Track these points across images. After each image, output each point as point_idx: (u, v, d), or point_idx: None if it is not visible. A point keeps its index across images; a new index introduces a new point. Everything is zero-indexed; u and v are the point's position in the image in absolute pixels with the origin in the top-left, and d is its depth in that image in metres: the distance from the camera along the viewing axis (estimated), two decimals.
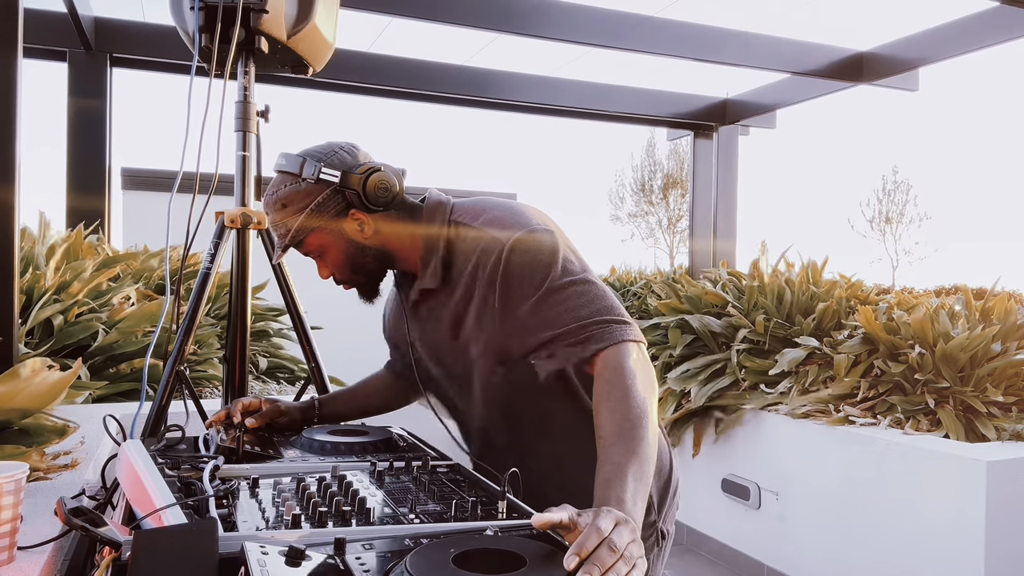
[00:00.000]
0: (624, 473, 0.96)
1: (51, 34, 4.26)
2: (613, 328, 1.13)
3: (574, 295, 1.16)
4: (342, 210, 1.27)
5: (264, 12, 1.66)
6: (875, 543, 2.76)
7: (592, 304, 1.16)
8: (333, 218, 1.27)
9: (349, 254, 1.30)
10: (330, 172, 1.25)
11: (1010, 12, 3.90)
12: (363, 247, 1.29)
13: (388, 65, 4.99)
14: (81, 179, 4.39)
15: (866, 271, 27.27)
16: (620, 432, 1.02)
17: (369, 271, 1.33)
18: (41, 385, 1.49)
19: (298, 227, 1.26)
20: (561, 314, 1.15)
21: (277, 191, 1.28)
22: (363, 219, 1.27)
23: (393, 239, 1.30)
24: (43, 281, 2.81)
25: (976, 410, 2.81)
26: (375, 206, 1.27)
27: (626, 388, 1.07)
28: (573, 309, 1.15)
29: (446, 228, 1.28)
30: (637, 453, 1.00)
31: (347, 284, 1.35)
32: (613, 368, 1.09)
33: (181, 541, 0.72)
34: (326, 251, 1.30)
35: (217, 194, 1.55)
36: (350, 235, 1.28)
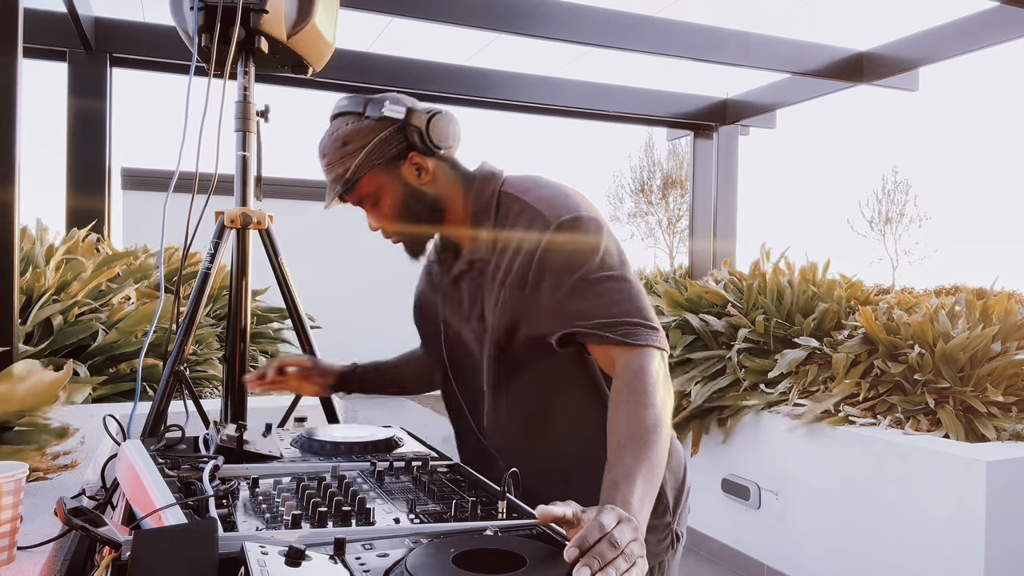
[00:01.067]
0: (634, 477, 0.96)
1: (51, 34, 4.26)
2: (640, 330, 1.12)
3: (609, 290, 1.15)
4: (402, 151, 1.25)
5: (264, 12, 1.66)
6: (875, 543, 2.76)
7: (625, 303, 1.15)
8: (393, 159, 1.25)
9: (404, 199, 1.27)
10: (395, 108, 1.24)
11: (1010, 12, 3.90)
12: (419, 193, 1.27)
13: (388, 65, 4.99)
14: (81, 179, 4.39)
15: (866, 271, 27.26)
16: (635, 436, 1.02)
17: (421, 221, 1.30)
18: (36, 385, 1.49)
19: (357, 165, 1.23)
20: (594, 306, 1.14)
21: (337, 130, 1.25)
22: (422, 163, 1.26)
23: (448, 192, 1.29)
24: (43, 281, 2.81)
25: (976, 410, 2.81)
26: (436, 148, 1.25)
27: (645, 393, 1.06)
28: (606, 304, 1.14)
29: (496, 198, 1.27)
30: (649, 459, 1.00)
31: (396, 236, 1.33)
32: (634, 371, 1.09)
33: (181, 541, 0.72)
34: (381, 195, 1.27)
35: (217, 194, 1.55)
36: (407, 178, 1.26)
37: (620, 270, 1.18)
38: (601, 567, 0.74)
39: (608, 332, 1.12)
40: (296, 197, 9.04)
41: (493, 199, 1.27)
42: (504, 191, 1.27)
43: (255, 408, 1.97)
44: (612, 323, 1.13)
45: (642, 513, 0.92)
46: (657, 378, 1.09)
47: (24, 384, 1.47)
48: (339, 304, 8.60)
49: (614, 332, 1.12)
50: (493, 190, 1.28)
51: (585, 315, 1.14)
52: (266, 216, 1.81)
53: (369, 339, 9.21)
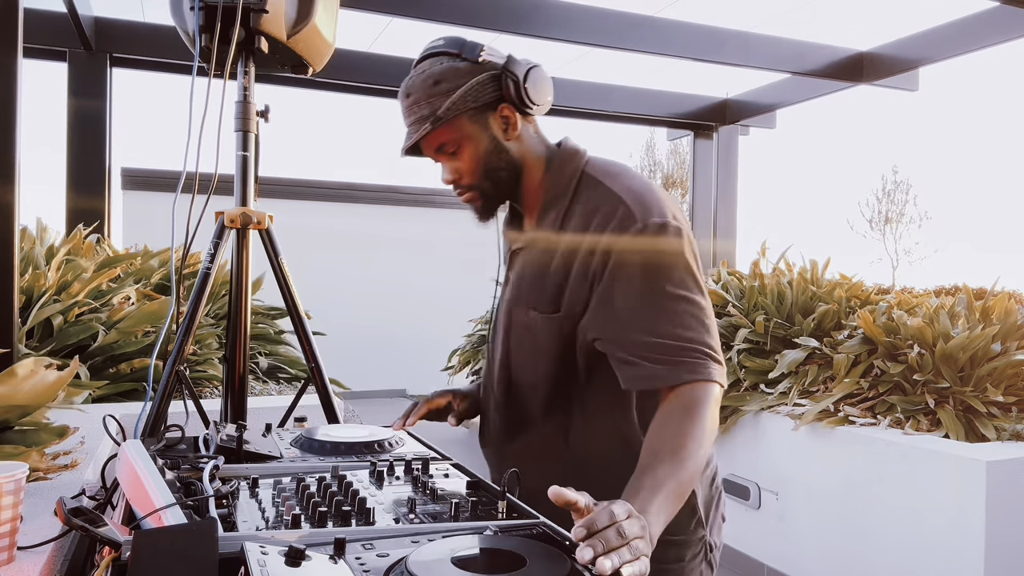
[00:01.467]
0: (658, 490, 0.94)
1: (51, 34, 4.26)
2: (709, 364, 1.08)
3: (684, 312, 1.09)
4: (494, 101, 1.19)
5: (264, 12, 1.66)
6: (875, 543, 2.76)
7: (698, 329, 1.09)
8: (483, 107, 1.18)
9: (487, 152, 1.20)
10: (494, 53, 1.19)
11: (1010, 12, 3.90)
12: (502, 148, 1.21)
13: (388, 65, 5.00)
14: (81, 179, 4.40)
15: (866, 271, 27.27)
16: (674, 452, 0.99)
17: (498, 179, 1.22)
18: (38, 384, 1.49)
19: (447, 107, 1.16)
20: (664, 325, 1.08)
21: (430, 68, 1.18)
22: (511, 117, 1.20)
23: (530, 155, 1.23)
24: (43, 281, 2.81)
25: (976, 410, 2.81)
26: (529, 103, 1.19)
27: (697, 421, 1.03)
28: (679, 326, 1.08)
29: (578, 178, 1.21)
30: (680, 480, 0.97)
31: (471, 191, 1.25)
32: (692, 399, 1.05)
33: (181, 541, 0.72)
34: (463, 144, 1.20)
35: (217, 194, 1.55)
36: (494, 130, 1.20)
37: (698, 293, 1.12)
38: (605, 551, 0.74)
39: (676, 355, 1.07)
40: (296, 197, 9.04)
41: (574, 177, 1.21)
42: (587, 172, 1.21)
43: (255, 408, 1.97)
44: (682, 347, 1.07)
45: (656, 524, 0.90)
46: (710, 414, 1.05)
47: (27, 384, 1.47)
48: (340, 304, 8.60)
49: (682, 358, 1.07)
50: (576, 168, 1.22)
51: (654, 331, 1.08)
52: (266, 216, 1.81)
53: (369, 338, 9.22)
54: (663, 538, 1.13)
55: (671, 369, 1.07)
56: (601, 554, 0.73)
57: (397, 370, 9.41)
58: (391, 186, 9.89)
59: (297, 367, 3.58)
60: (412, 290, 9.58)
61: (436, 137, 1.20)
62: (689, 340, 1.08)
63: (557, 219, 1.20)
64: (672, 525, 1.15)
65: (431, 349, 7.78)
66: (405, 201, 9.86)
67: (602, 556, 0.73)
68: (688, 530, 1.20)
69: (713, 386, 1.07)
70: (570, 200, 1.19)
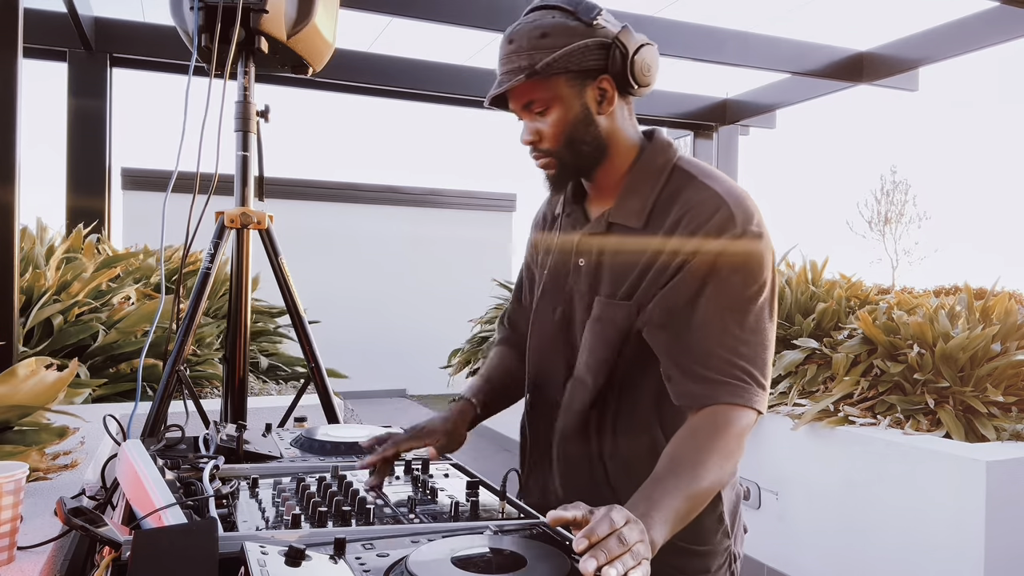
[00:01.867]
0: (669, 499, 0.92)
1: (51, 34, 4.26)
2: (752, 389, 1.05)
3: (751, 330, 1.06)
4: (596, 69, 1.11)
5: (264, 12, 1.66)
6: (875, 543, 2.76)
7: (756, 351, 1.06)
8: (584, 72, 1.11)
9: (575, 120, 1.13)
10: (609, 20, 1.13)
11: (1010, 12, 3.90)
12: (591, 121, 1.14)
13: (388, 65, 5.00)
14: (81, 179, 4.40)
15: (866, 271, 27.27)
16: (693, 466, 0.97)
17: (580, 152, 1.15)
18: (39, 384, 1.49)
19: (547, 63, 1.08)
20: (726, 338, 1.05)
21: (540, 19, 1.11)
22: (609, 91, 1.13)
23: (618, 137, 1.17)
24: (43, 281, 2.81)
25: (976, 410, 2.81)
26: (632, 80, 1.12)
27: (724, 440, 1.01)
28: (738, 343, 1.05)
29: (670, 168, 1.15)
30: (694, 494, 0.95)
31: (548, 157, 1.17)
32: (725, 420, 1.03)
33: (181, 541, 0.72)
34: (553, 105, 1.13)
35: (217, 194, 1.55)
36: (588, 100, 1.13)
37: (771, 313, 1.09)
38: (608, 560, 0.74)
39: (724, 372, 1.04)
40: (296, 197, 9.04)
41: (666, 169, 1.15)
42: (680, 166, 1.16)
43: (255, 408, 1.97)
44: (733, 364, 1.04)
45: (658, 533, 0.87)
46: (739, 436, 1.03)
47: (27, 383, 1.47)
48: (340, 304, 8.60)
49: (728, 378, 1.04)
50: (668, 160, 1.16)
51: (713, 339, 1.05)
52: (266, 216, 1.81)
53: (368, 338, 9.22)
54: (689, 548, 1.11)
55: (712, 387, 1.04)
56: (604, 564, 0.73)
57: (397, 370, 9.42)
58: (391, 186, 9.89)
59: (297, 366, 3.58)
60: (412, 290, 9.58)
61: (527, 91, 1.13)
62: (743, 359, 1.05)
63: (643, 210, 1.14)
64: (699, 535, 1.13)
65: (431, 349, 7.79)
66: (405, 201, 9.86)
67: (606, 566, 0.73)
68: (715, 540, 1.18)
69: (750, 412, 1.04)
70: (659, 192, 1.14)
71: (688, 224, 1.09)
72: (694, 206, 1.10)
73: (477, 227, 10.13)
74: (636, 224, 1.14)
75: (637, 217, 1.14)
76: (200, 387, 2.97)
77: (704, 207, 1.09)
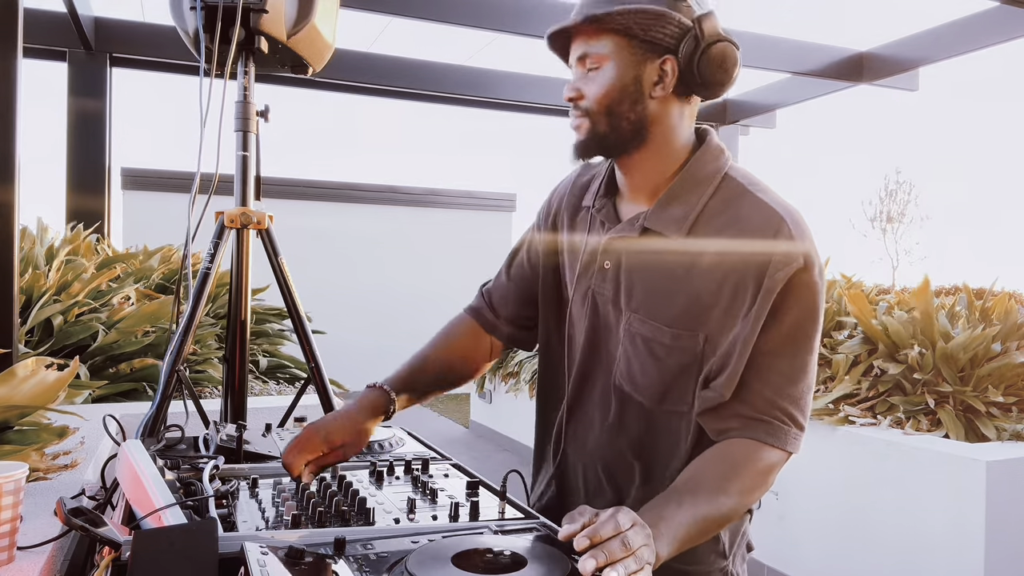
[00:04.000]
0: (683, 515, 0.90)
1: (51, 34, 4.26)
2: (793, 432, 1.01)
3: (800, 370, 1.01)
4: (663, 48, 1.01)
5: (264, 12, 1.66)
6: (875, 543, 2.76)
7: (802, 391, 1.01)
8: (649, 44, 1.01)
9: (624, 90, 1.03)
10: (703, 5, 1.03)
11: (1010, 12, 3.90)
12: (640, 98, 1.03)
13: (388, 65, 5.00)
14: (81, 179, 4.40)
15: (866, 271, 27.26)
16: (714, 491, 0.94)
17: (618, 128, 1.04)
18: (38, 384, 1.49)
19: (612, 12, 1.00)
20: (773, 376, 0.99)
21: None
22: (670, 75, 1.02)
23: (667, 132, 1.06)
24: (43, 281, 2.81)
25: (976, 410, 2.81)
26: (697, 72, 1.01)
27: (751, 475, 0.99)
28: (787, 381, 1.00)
29: (720, 177, 1.05)
30: (709, 518, 0.93)
31: (584, 118, 1.06)
32: (759, 458, 0.99)
33: (181, 541, 0.72)
34: (605, 66, 1.03)
35: (217, 194, 1.55)
36: (642, 74, 1.02)
37: (818, 345, 1.02)
38: (609, 562, 0.73)
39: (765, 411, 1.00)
40: (296, 197, 9.04)
41: (716, 176, 1.05)
42: (730, 175, 1.06)
43: (255, 408, 1.97)
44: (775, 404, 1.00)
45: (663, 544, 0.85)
46: (766, 472, 1.00)
47: (27, 384, 1.47)
48: (339, 304, 8.60)
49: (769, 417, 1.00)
50: (719, 168, 1.06)
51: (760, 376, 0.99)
52: (266, 216, 1.81)
53: (369, 339, 9.21)
54: (680, 568, 1.03)
55: (750, 425, 1.00)
56: (605, 565, 0.72)
57: None
58: (391, 186, 9.89)
59: (297, 367, 3.58)
60: (412, 290, 9.58)
61: (587, 39, 1.05)
62: (787, 399, 1.00)
63: (687, 219, 1.03)
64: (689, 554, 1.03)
65: None
66: (405, 201, 9.86)
67: (607, 568, 0.72)
68: (707, 560, 1.13)
69: (782, 453, 1.01)
70: (705, 200, 1.04)
71: (741, 245, 1.00)
72: (747, 223, 1.00)
73: (477, 227, 10.13)
74: (676, 234, 1.03)
75: (678, 226, 1.03)
76: (200, 387, 2.97)
77: (759, 226, 1.00)
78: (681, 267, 1.03)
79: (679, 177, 1.06)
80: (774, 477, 1.01)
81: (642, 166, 1.08)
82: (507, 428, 5.96)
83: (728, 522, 0.98)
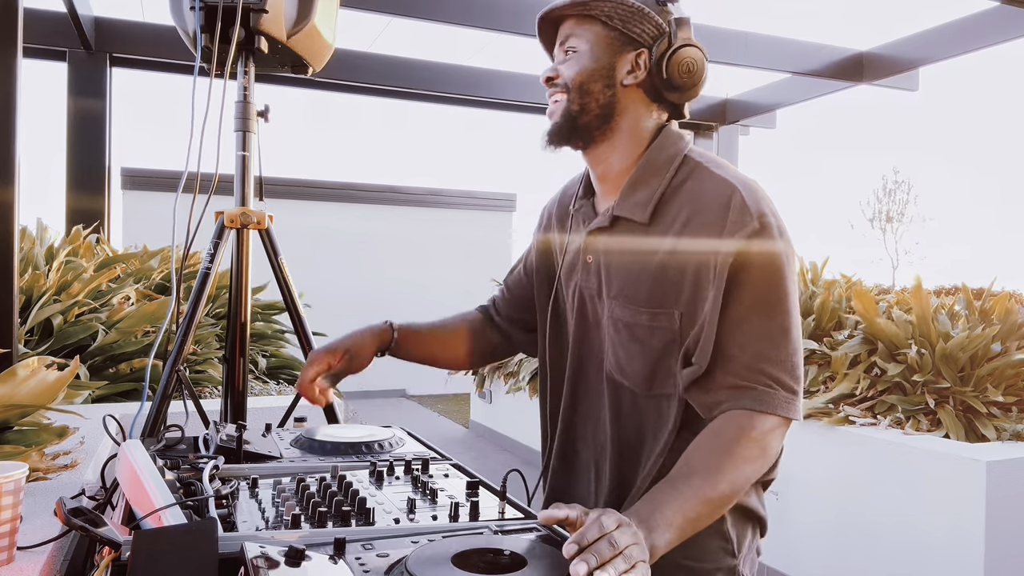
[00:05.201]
0: (677, 503, 0.89)
1: (51, 34, 4.26)
2: (780, 394, 0.99)
3: (778, 331, 1.00)
4: (638, 43, 1.09)
5: (264, 12, 1.66)
6: (875, 543, 2.76)
7: (784, 354, 1.00)
8: (626, 37, 1.09)
9: (597, 72, 1.10)
10: (675, 7, 1.10)
11: (1010, 12, 3.90)
12: (612, 83, 1.10)
13: (388, 65, 5.00)
14: (81, 179, 4.40)
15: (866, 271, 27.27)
16: (708, 471, 0.94)
17: (587, 106, 1.11)
18: (39, 384, 1.49)
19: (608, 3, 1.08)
20: (751, 341, 1.00)
21: None
22: (641, 67, 1.09)
23: (631, 121, 1.12)
24: (43, 281, 2.81)
25: (976, 410, 2.81)
26: (665, 70, 1.08)
27: (744, 445, 0.97)
28: (765, 347, 1.00)
29: (680, 158, 1.10)
30: (708, 499, 0.92)
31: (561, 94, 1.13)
32: (749, 425, 0.98)
33: (181, 541, 0.72)
34: (583, 50, 1.10)
35: (217, 194, 1.55)
36: (618, 64, 1.10)
37: (795, 312, 1.02)
38: (599, 564, 0.73)
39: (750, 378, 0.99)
40: (296, 197, 9.04)
41: (675, 159, 1.10)
42: (689, 156, 1.10)
43: (255, 408, 1.97)
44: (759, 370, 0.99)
45: (659, 537, 0.85)
46: (763, 441, 0.98)
47: (28, 383, 1.47)
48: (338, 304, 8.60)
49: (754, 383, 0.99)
50: (678, 150, 1.11)
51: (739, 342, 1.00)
52: (266, 216, 1.81)
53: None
54: (686, 564, 1.04)
55: (735, 394, 1.00)
56: (595, 568, 0.72)
57: (397, 370, 9.39)
58: (391, 186, 9.89)
59: (297, 366, 3.58)
60: (412, 290, 9.58)
61: (572, 25, 1.12)
62: (769, 362, 1.00)
63: (649, 201, 1.08)
64: (698, 551, 1.05)
65: None
66: (405, 201, 9.86)
67: (597, 570, 0.72)
68: (716, 558, 1.09)
69: (773, 418, 0.99)
70: (668, 183, 1.08)
71: (698, 218, 1.03)
72: (702, 196, 1.04)
73: (477, 227, 10.12)
74: (641, 218, 1.08)
75: (642, 210, 1.08)
76: (199, 387, 2.97)
77: (714, 197, 1.03)
78: (649, 249, 1.08)
79: (640, 163, 1.12)
80: (775, 445, 1.00)
81: (608, 157, 1.14)
82: (507, 428, 5.96)
83: (732, 499, 0.96)
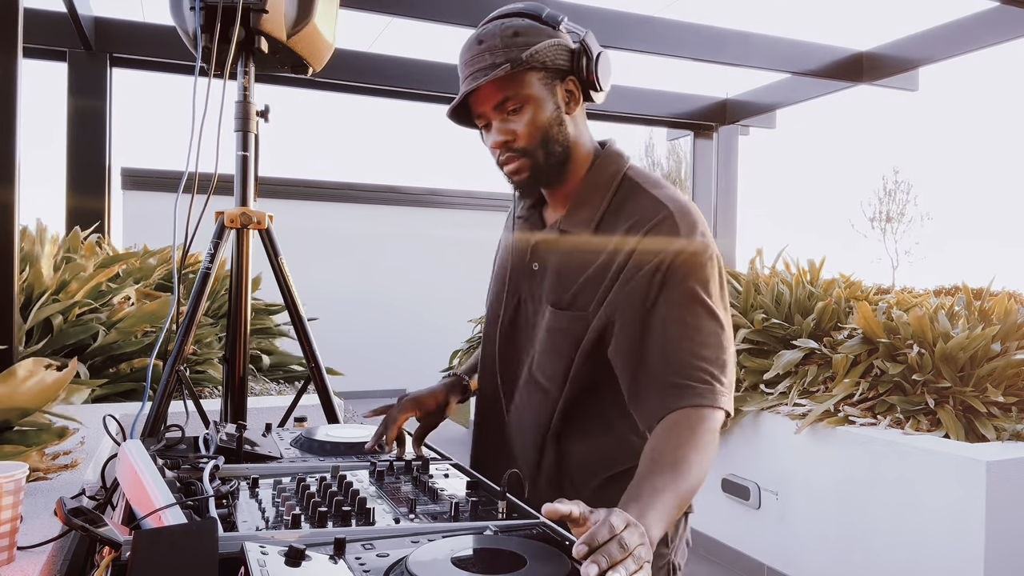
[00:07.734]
0: (658, 497, 0.94)
1: (51, 34, 4.26)
2: (719, 389, 1.07)
3: (706, 330, 1.09)
4: (563, 71, 1.17)
5: (264, 12, 1.66)
6: (875, 543, 2.76)
7: (716, 352, 1.08)
8: (555, 72, 1.16)
9: (549, 120, 1.16)
10: (573, 26, 1.19)
11: (1010, 12, 3.90)
12: (563, 121, 1.17)
13: (388, 65, 4.99)
14: (81, 179, 4.39)
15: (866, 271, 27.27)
16: (674, 464, 0.99)
17: (552, 152, 1.17)
18: (38, 385, 1.49)
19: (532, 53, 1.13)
20: (682, 339, 1.08)
21: (510, 22, 1.16)
22: (575, 92, 1.18)
23: (580, 143, 1.21)
24: (43, 281, 2.81)
25: (976, 410, 2.81)
26: (597, 84, 1.18)
27: (698, 438, 1.02)
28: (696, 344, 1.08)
29: (619, 178, 1.19)
30: (679, 491, 0.96)
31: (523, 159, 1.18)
32: (698, 418, 1.04)
33: (181, 541, 0.72)
34: (527, 103, 1.15)
35: (217, 194, 1.55)
36: (558, 99, 1.17)
37: (724, 315, 1.12)
38: (610, 566, 0.73)
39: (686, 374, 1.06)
40: (296, 197, 9.04)
41: (616, 178, 1.19)
42: (629, 176, 1.20)
43: (255, 408, 1.97)
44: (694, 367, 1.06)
45: (654, 529, 0.89)
46: (711, 434, 1.05)
47: (27, 384, 1.47)
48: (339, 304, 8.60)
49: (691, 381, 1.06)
50: (619, 170, 1.20)
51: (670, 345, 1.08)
52: (266, 216, 1.81)
53: (369, 339, 9.22)
54: None
55: (678, 392, 1.06)
56: (606, 569, 0.73)
57: (397, 370, 9.41)
58: (391, 186, 9.89)
59: (297, 365, 3.58)
60: (412, 290, 9.58)
61: (503, 88, 1.14)
62: (702, 360, 1.07)
63: (592, 219, 1.18)
64: None
65: (431, 349, 7.78)
66: (405, 201, 9.86)
67: (609, 571, 0.73)
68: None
69: (718, 412, 1.07)
70: (609, 202, 1.18)
71: (633, 230, 1.13)
72: (641, 215, 1.14)
73: (477, 227, 10.12)
74: (585, 232, 1.17)
75: (586, 227, 1.17)
76: (200, 387, 2.97)
77: (649, 215, 1.13)
78: (588, 262, 1.17)
79: (585, 182, 1.20)
80: (717, 437, 1.07)
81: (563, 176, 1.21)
82: None
83: (697, 490, 1.02)
